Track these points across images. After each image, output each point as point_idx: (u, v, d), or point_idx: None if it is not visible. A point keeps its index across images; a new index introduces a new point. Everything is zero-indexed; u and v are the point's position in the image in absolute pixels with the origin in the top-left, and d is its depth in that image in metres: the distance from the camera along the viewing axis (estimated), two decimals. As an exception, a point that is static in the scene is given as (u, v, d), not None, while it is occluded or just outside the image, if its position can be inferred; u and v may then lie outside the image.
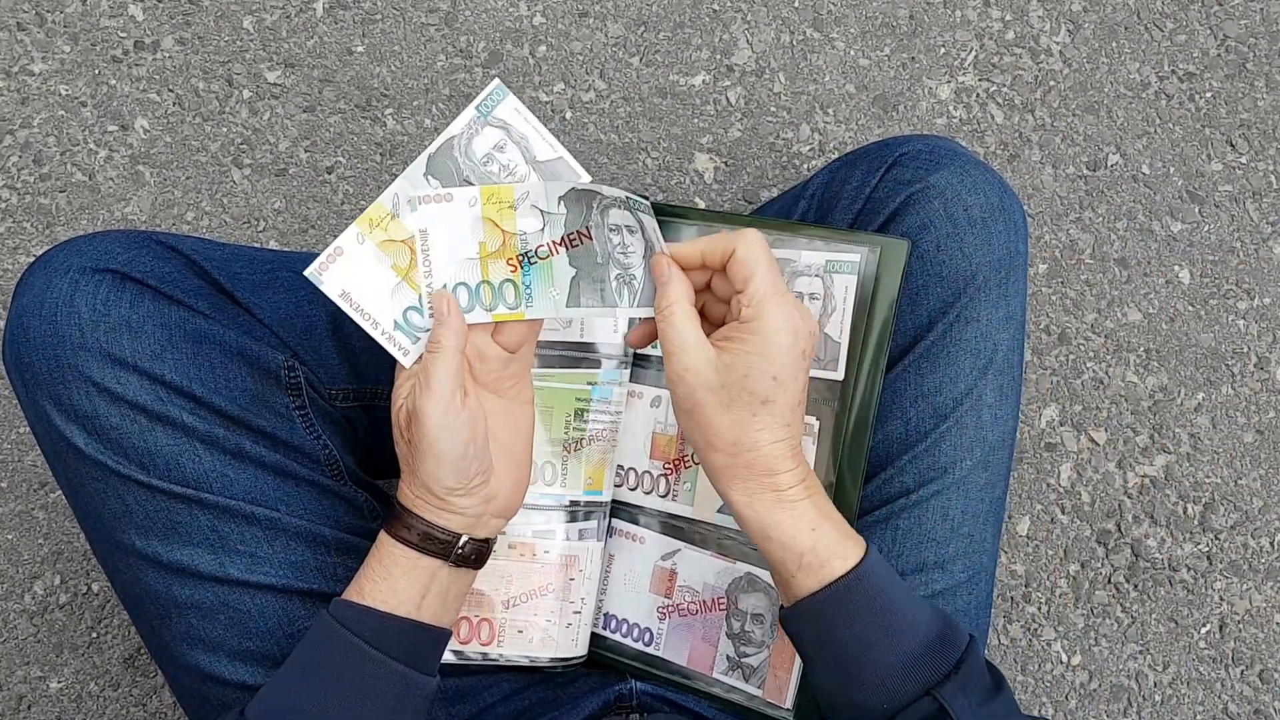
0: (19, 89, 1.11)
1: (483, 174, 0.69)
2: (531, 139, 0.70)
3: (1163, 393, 1.13)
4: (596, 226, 0.68)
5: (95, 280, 0.69)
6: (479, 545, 0.68)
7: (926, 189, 0.76)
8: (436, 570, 0.67)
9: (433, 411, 0.63)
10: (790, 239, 0.76)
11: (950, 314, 0.75)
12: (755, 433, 0.63)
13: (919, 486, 0.77)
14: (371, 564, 0.67)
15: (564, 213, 0.68)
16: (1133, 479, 1.11)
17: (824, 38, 1.16)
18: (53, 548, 1.08)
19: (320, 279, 0.67)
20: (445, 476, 0.65)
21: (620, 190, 0.68)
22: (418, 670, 0.66)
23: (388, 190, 0.68)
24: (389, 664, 0.64)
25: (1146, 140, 1.15)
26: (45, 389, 0.68)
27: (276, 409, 0.74)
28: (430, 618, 0.67)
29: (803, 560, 0.64)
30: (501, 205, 0.68)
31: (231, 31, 1.13)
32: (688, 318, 0.65)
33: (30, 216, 1.10)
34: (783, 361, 0.62)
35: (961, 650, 0.63)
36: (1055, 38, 1.16)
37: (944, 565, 0.77)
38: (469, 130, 0.69)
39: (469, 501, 0.66)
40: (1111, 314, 1.13)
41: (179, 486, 0.69)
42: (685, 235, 0.80)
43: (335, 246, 0.67)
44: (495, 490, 0.68)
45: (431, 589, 0.67)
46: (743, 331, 0.63)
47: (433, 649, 0.68)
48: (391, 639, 0.65)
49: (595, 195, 0.68)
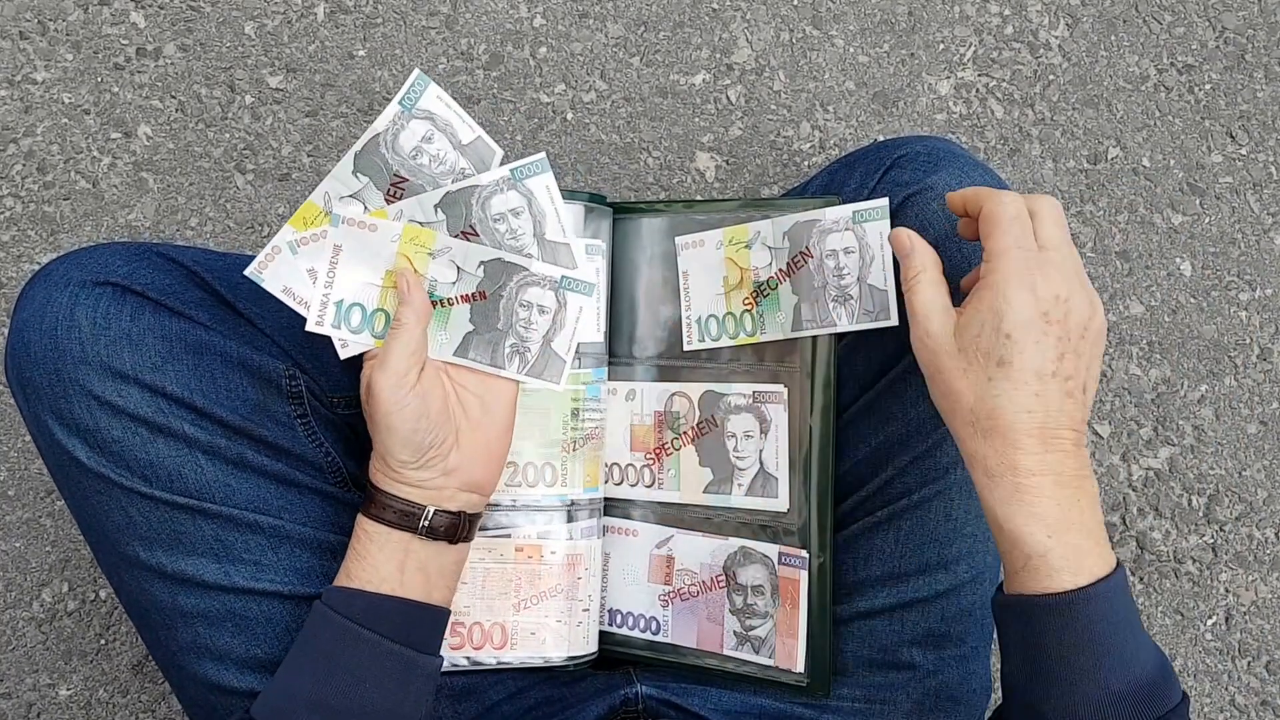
0: (22, 97, 1.11)
1: (412, 167, 0.71)
2: (548, 217, 0.72)
3: (1166, 385, 1.12)
4: (508, 297, 0.71)
5: (95, 293, 0.69)
6: (450, 519, 0.69)
7: (925, 190, 0.76)
8: (409, 543, 0.68)
9: (385, 386, 0.66)
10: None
11: None
12: (994, 397, 0.61)
13: (920, 487, 0.77)
14: (354, 546, 0.69)
15: (480, 275, 0.71)
16: (1137, 472, 1.11)
17: (823, 35, 1.15)
18: (60, 555, 1.08)
19: (261, 277, 0.71)
20: (397, 449, 0.67)
21: (558, 270, 0.71)
22: (415, 649, 0.66)
23: (318, 188, 0.71)
24: (382, 644, 0.65)
25: (1146, 133, 1.15)
26: (47, 403, 0.68)
27: (278, 418, 0.74)
28: (417, 594, 0.68)
29: (1029, 563, 0.61)
30: (420, 248, 0.71)
31: (233, 37, 1.13)
32: (932, 283, 0.66)
33: (34, 224, 1.10)
34: (1016, 319, 0.60)
35: (1168, 709, 0.61)
36: (1054, 32, 1.16)
37: (948, 565, 0.77)
38: (394, 125, 0.71)
39: (425, 475, 0.68)
40: (1114, 307, 1.13)
41: (182, 497, 0.69)
42: (691, 227, 0.81)
43: (272, 245, 0.71)
44: (456, 465, 0.69)
45: (408, 563, 0.68)
46: (980, 290, 0.62)
47: (428, 627, 0.69)
48: (382, 618, 0.66)
49: (519, 270, 0.71)
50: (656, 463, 0.82)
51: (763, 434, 0.79)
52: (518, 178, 0.71)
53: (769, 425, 0.79)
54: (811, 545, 0.77)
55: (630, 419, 0.83)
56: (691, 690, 0.82)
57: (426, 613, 0.69)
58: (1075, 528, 0.61)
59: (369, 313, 0.71)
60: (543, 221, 0.72)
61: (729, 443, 0.80)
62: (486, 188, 0.71)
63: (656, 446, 0.82)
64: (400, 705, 0.67)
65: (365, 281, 0.71)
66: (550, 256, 0.73)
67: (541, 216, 0.72)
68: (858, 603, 0.79)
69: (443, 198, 0.71)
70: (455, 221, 0.72)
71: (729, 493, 0.80)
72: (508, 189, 0.71)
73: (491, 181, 0.71)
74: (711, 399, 0.81)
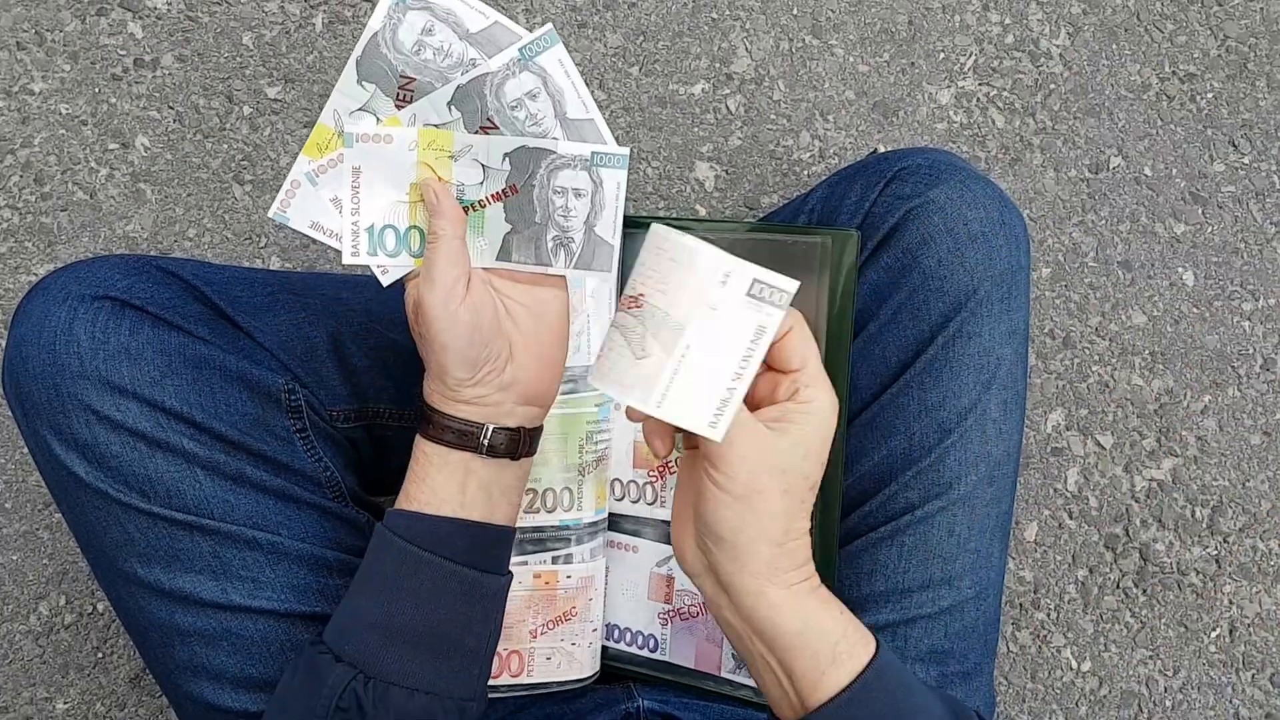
0: (19, 108, 1.11)
1: (417, 64, 0.66)
2: (567, 94, 0.67)
3: (1169, 395, 1.12)
4: (540, 186, 0.66)
5: (94, 308, 0.69)
6: (510, 434, 0.67)
7: (926, 204, 0.76)
8: (469, 463, 0.66)
9: (435, 302, 0.64)
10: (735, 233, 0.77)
11: (951, 327, 0.75)
12: (801, 520, 0.58)
13: (924, 503, 0.76)
14: (413, 469, 0.67)
15: (507, 169, 0.66)
16: (1140, 483, 1.11)
17: (823, 45, 1.15)
18: (57, 568, 1.08)
19: (285, 216, 0.67)
20: (453, 367, 0.65)
21: (587, 146, 0.66)
22: (478, 570, 0.65)
23: (326, 107, 0.67)
24: (444, 565, 0.64)
25: (1148, 142, 1.15)
26: (45, 418, 0.68)
27: (277, 432, 0.73)
28: (480, 515, 0.66)
29: (837, 650, 0.58)
30: (440, 153, 0.66)
31: (231, 48, 1.13)
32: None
33: (32, 236, 1.10)
34: (827, 449, 0.59)
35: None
36: (1055, 41, 1.16)
37: (951, 581, 0.77)
38: (390, 20, 0.65)
39: (482, 391, 0.66)
40: (1116, 317, 1.13)
41: (180, 513, 0.69)
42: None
43: (291, 180, 0.67)
44: (514, 378, 0.67)
45: (469, 484, 0.66)
46: (796, 418, 0.58)
47: (492, 547, 0.68)
48: (444, 540, 0.65)
49: (546, 154, 0.66)
50: (659, 480, 0.81)
51: None
52: (527, 56, 0.66)
53: None
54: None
55: (633, 435, 0.82)
56: (692, 704, 0.81)
57: (489, 533, 0.67)
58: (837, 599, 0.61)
59: (402, 233, 0.67)
60: (561, 100, 0.66)
61: None
62: (498, 74, 0.65)
63: (660, 464, 0.81)
64: (468, 625, 0.66)
65: (392, 200, 0.66)
66: (576, 135, 0.67)
67: (560, 95, 0.66)
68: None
69: (454, 93, 0.66)
70: (471, 117, 0.66)
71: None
72: (520, 71, 0.66)
73: (501, 66, 0.65)
74: None
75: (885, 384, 0.77)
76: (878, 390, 0.78)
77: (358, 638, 0.64)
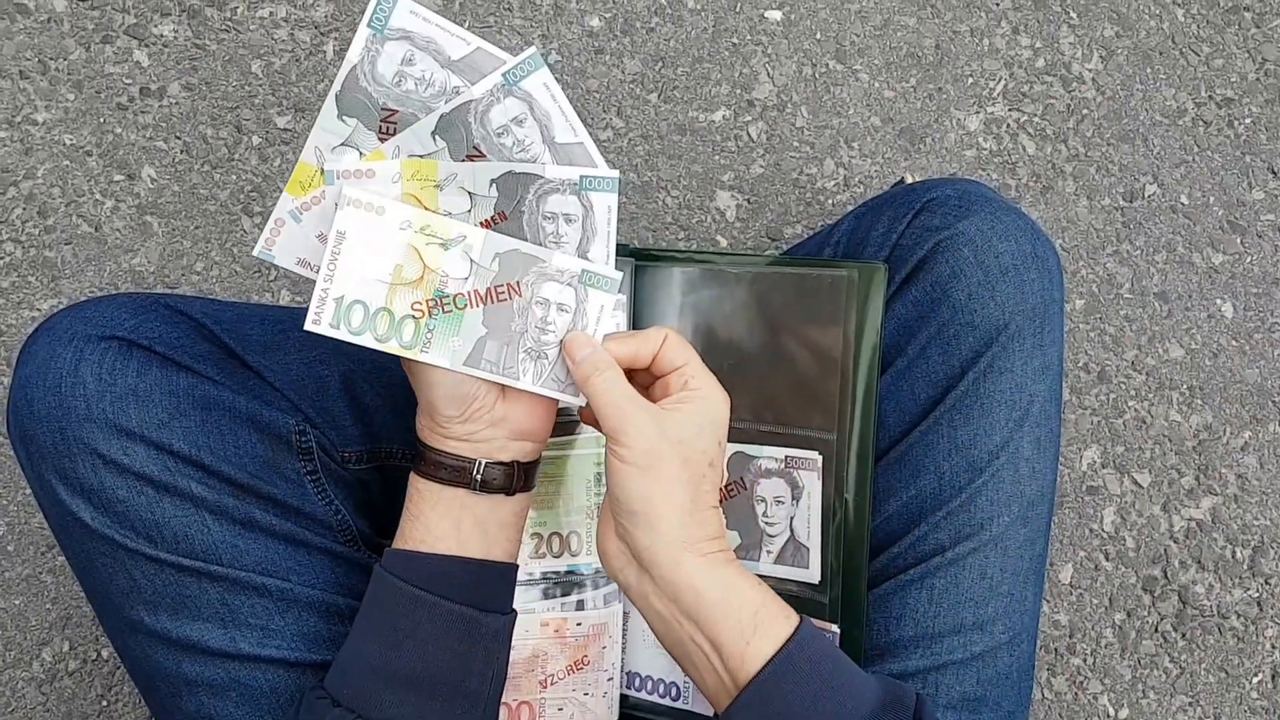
0: (22, 139, 1.09)
1: (399, 96, 0.65)
2: (554, 118, 0.66)
3: (1208, 432, 1.10)
4: (529, 212, 0.66)
5: (101, 348, 0.68)
6: (504, 469, 0.67)
7: (956, 236, 0.74)
8: (463, 499, 0.66)
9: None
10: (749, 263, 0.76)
11: (982, 363, 0.74)
12: (706, 493, 0.63)
13: (954, 544, 0.74)
14: (408, 507, 0.67)
15: (495, 196, 0.65)
16: (1178, 522, 1.09)
17: (847, 70, 1.13)
18: (61, 612, 1.06)
19: (271, 254, 0.67)
20: (441, 405, 0.66)
21: (575, 170, 0.66)
22: (478, 608, 0.65)
23: (307, 143, 0.66)
24: (442, 604, 0.64)
25: (1185, 169, 1.13)
26: (50, 462, 0.67)
27: (287, 475, 0.72)
28: (478, 551, 0.66)
29: (758, 618, 0.61)
30: (425, 182, 0.65)
31: (240, 76, 1.11)
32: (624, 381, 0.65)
33: (35, 270, 1.08)
34: (722, 431, 0.64)
35: (912, 710, 0.61)
36: (1087, 65, 1.14)
37: (983, 626, 0.75)
38: (368, 52, 0.64)
39: (472, 427, 0.66)
40: (1152, 350, 1.11)
41: (188, 559, 0.68)
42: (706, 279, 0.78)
43: (275, 218, 0.66)
44: (505, 414, 0.67)
45: (464, 520, 0.66)
46: (687, 400, 0.64)
47: (492, 585, 0.67)
48: (441, 579, 0.64)
49: (534, 179, 0.65)
50: None
51: (794, 500, 0.76)
52: (511, 81, 0.65)
53: (801, 492, 0.75)
54: (841, 620, 0.74)
55: None
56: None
57: (487, 569, 0.67)
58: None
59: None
60: (549, 124, 0.65)
61: (758, 507, 0.77)
62: (481, 101, 0.65)
63: None
64: (469, 666, 0.65)
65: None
66: (565, 159, 0.66)
67: (547, 119, 0.65)
68: (889, 665, 0.76)
69: (437, 123, 0.65)
70: (457, 146, 0.65)
71: (757, 559, 0.77)
72: (504, 97, 0.65)
73: (485, 92, 0.65)
74: (740, 461, 0.77)
75: (914, 421, 0.76)
76: (906, 428, 0.76)
77: (357, 681, 0.64)
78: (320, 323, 0.65)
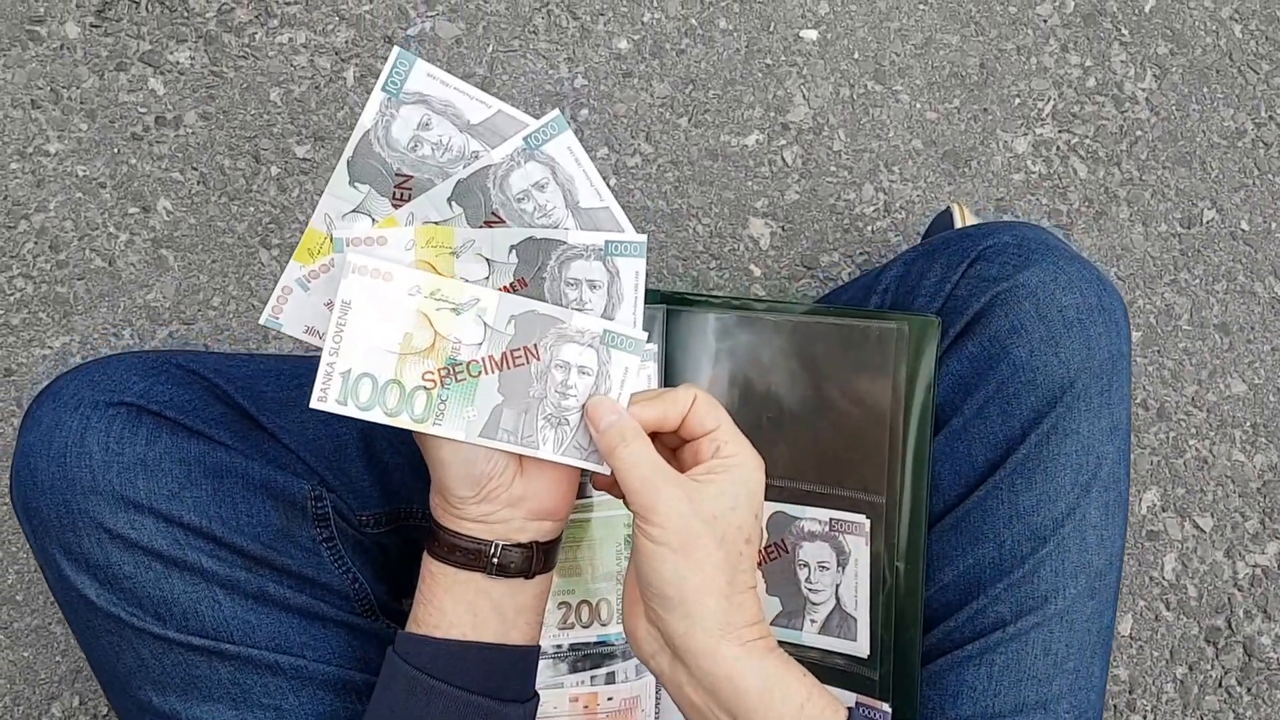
0: (34, 170, 1.08)
1: (414, 161, 0.63)
2: (578, 181, 0.64)
3: (1273, 472, 1.07)
4: (551, 279, 0.63)
5: (109, 416, 0.67)
6: (523, 551, 0.64)
7: (1015, 288, 0.71)
8: (479, 583, 0.64)
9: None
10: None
11: (1045, 424, 0.71)
12: (744, 573, 0.60)
13: (1017, 618, 0.71)
14: (420, 589, 0.65)
15: (514, 263, 0.63)
16: (1243, 569, 1.06)
17: (887, 90, 1.10)
18: (71, 665, 1.04)
19: (278, 322, 0.65)
20: (455, 485, 0.63)
21: (600, 235, 0.64)
22: (493, 698, 0.63)
23: (317, 210, 0.64)
24: (458, 695, 0.62)
25: (1245, 193, 1.10)
26: (54, 536, 0.66)
27: (302, 543, 0.71)
28: (492, 636, 0.64)
29: (804, 712, 0.59)
30: (440, 249, 0.63)
31: (258, 104, 1.09)
32: (653, 451, 0.62)
33: (46, 306, 1.06)
34: (758, 501, 0.61)
35: None
36: (1141, 84, 1.11)
37: (1047, 705, 0.72)
38: (383, 116, 0.63)
39: (488, 508, 0.64)
40: (1213, 385, 1.08)
41: (197, 638, 0.67)
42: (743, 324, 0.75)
43: (282, 286, 0.65)
44: (523, 494, 0.65)
45: (480, 606, 0.64)
46: (720, 469, 0.61)
47: (511, 671, 0.65)
48: (456, 667, 0.63)
49: (556, 245, 0.63)
50: None
51: (840, 567, 0.72)
52: (533, 145, 0.63)
53: (847, 558, 0.72)
54: (893, 698, 0.70)
55: None
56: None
57: (506, 655, 0.64)
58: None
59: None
60: (573, 188, 0.64)
61: (800, 572, 0.73)
62: (501, 166, 0.63)
63: None
64: None
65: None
66: (590, 224, 0.64)
67: (570, 183, 0.64)
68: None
69: (454, 189, 0.63)
70: (475, 212, 0.63)
71: (800, 628, 0.73)
72: (525, 161, 0.63)
73: (505, 157, 0.63)
74: (782, 521, 0.74)
75: (971, 485, 0.73)
76: (963, 492, 0.73)
77: None
78: (327, 399, 0.62)
